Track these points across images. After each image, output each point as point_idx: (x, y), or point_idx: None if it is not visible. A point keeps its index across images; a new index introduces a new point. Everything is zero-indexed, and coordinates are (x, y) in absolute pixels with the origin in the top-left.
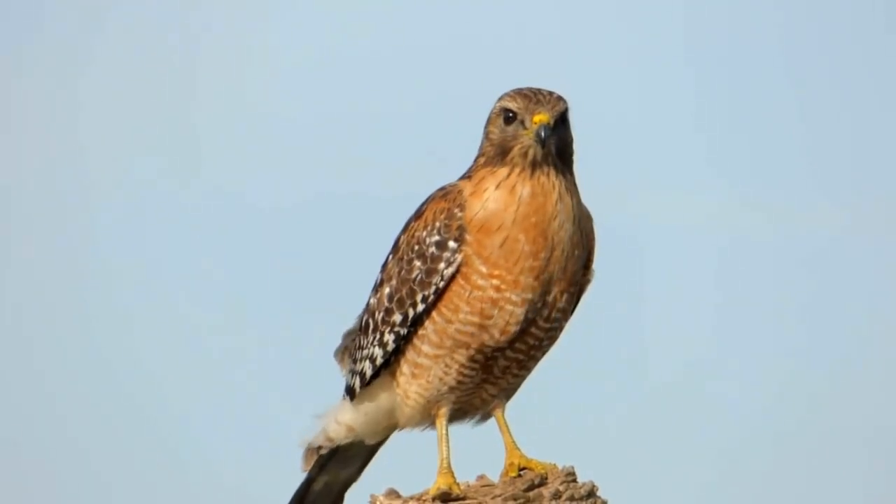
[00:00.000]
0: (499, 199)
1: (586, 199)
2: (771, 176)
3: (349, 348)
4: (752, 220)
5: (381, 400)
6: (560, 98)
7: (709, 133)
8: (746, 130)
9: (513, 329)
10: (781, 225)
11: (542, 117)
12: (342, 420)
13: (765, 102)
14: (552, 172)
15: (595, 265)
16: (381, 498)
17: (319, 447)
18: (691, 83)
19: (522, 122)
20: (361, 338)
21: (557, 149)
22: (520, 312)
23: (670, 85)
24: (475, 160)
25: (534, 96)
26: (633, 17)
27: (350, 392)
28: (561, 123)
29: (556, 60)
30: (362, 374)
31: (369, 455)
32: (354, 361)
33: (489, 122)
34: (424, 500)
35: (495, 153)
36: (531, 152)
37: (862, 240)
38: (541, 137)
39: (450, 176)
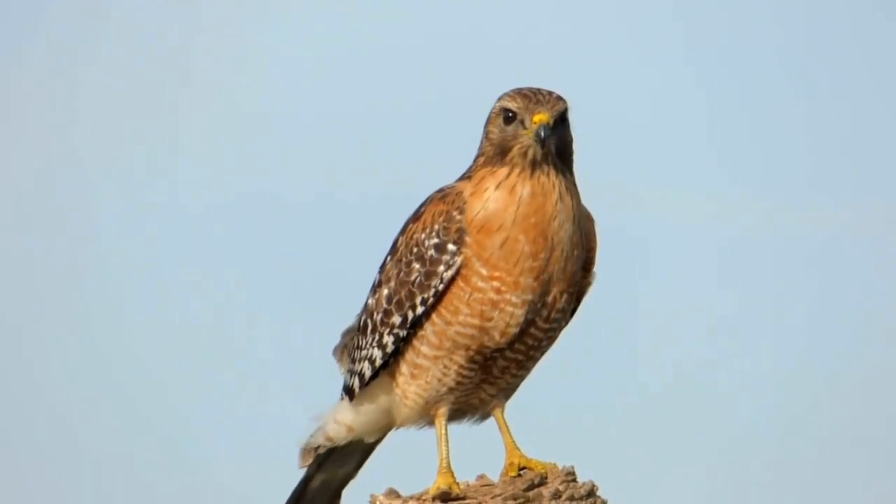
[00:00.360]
0: (499, 199)
1: (588, 198)
2: (772, 175)
3: (348, 347)
4: (754, 220)
5: (380, 400)
6: (560, 98)
7: (710, 132)
8: (748, 129)
9: (513, 331)
10: (782, 224)
11: (541, 117)
12: (341, 420)
13: (767, 101)
14: (552, 172)
15: (596, 266)
16: (381, 498)
17: (318, 446)
18: (693, 82)
19: (522, 122)
20: (360, 338)
21: (557, 149)
22: (520, 314)
23: (672, 84)
24: (474, 160)
25: (533, 96)
26: (636, 16)
27: (349, 392)
28: (560, 123)
29: (558, 59)
30: (361, 375)
31: (366, 453)
32: (353, 361)
33: (489, 121)
34: (424, 500)
35: (495, 153)
36: (531, 152)
37: (863, 240)
38: (540, 137)
39: (449, 176)
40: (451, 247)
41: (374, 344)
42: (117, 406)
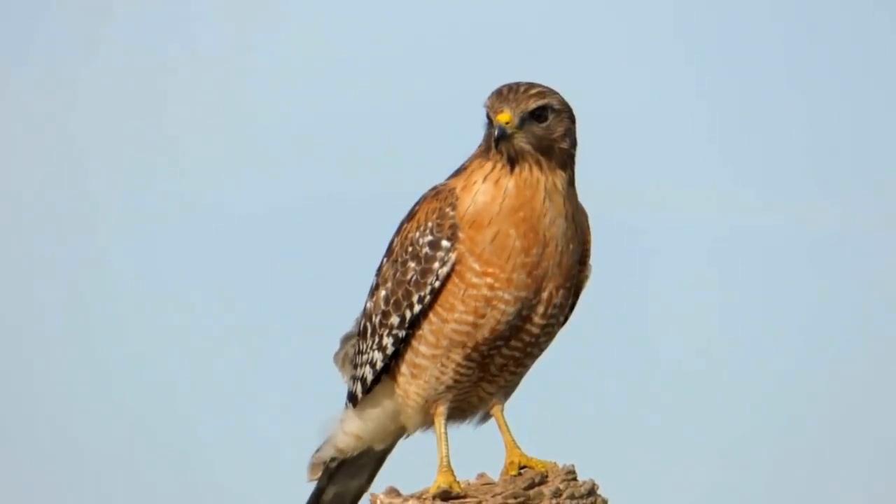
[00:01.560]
0: (487, 191)
1: (588, 196)
2: (772, 172)
3: (349, 354)
4: (753, 216)
5: (384, 404)
6: (535, 94)
7: (710, 130)
8: (748, 127)
9: (502, 328)
10: (782, 220)
11: (502, 117)
12: (349, 430)
13: (766, 98)
14: (534, 168)
15: (594, 261)
16: (382, 497)
17: (330, 459)
18: (693, 80)
19: (492, 120)
20: (360, 342)
21: (535, 145)
22: (511, 311)
23: (672, 82)
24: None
25: (503, 94)
26: (640, 17)
27: (352, 399)
28: (535, 119)
29: (562, 58)
30: (363, 380)
31: (378, 464)
32: (355, 367)
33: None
34: (425, 499)
35: (485, 148)
36: (502, 150)
37: (862, 237)
38: (494, 137)
39: (445, 175)
40: (445, 243)
41: (375, 347)
42: (119, 411)
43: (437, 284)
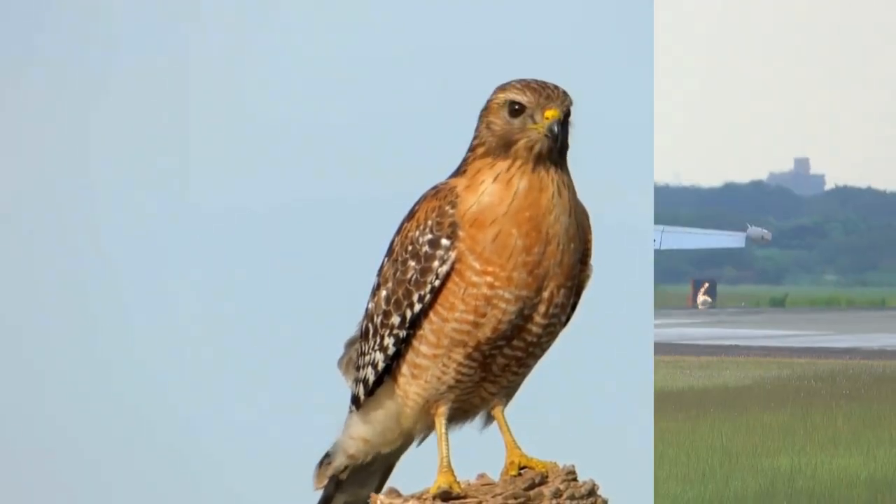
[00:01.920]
0: (494, 192)
1: (590, 195)
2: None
3: (353, 359)
4: None
5: (387, 405)
6: (566, 93)
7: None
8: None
9: (503, 327)
10: None
11: (553, 112)
12: (355, 434)
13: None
14: (551, 168)
15: (595, 261)
16: (382, 497)
17: (344, 468)
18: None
19: (532, 116)
20: (363, 344)
21: (562, 144)
22: (512, 310)
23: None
24: (471, 150)
25: (543, 90)
26: (638, 16)
27: (355, 401)
28: (566, 119)
29: (562, 57)
30: (365, 381)
31: (387, 472)
32: (357, 369)
33: (489, 111)
34: (425, 499)
35: (497, 144)
36: (538, 147)
37: None
38: (554, 133)
39: (447, 176)
40: (444, 242)
41: (377, 347)
42: (119, 411)
43: (436, 283)
